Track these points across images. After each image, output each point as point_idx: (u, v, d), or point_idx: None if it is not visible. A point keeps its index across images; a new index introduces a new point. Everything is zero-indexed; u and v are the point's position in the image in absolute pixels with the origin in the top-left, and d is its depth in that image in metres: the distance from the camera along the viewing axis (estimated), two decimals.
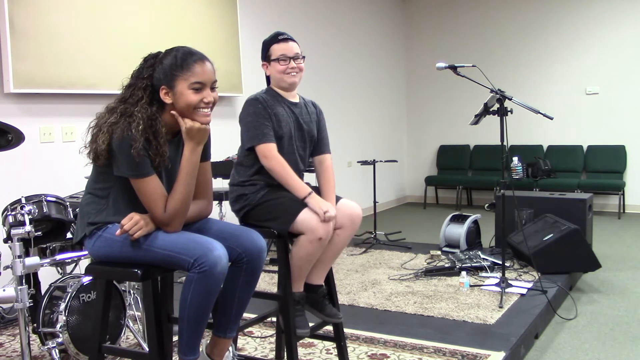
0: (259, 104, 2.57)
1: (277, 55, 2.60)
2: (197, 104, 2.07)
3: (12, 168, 3.93)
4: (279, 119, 2.58)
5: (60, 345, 2.77)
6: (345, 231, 2.56)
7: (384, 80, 8.49)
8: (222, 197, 4.61)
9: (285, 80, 2.62)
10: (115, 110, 2.06)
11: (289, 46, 2.61)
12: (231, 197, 2.65)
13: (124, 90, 2.13)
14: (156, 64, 2.10)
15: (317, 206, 2.42)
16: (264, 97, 2.60)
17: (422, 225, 7.11)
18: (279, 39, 2.63)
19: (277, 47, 2.62)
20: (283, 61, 2.60)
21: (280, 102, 2.63)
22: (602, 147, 7.74)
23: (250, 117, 2.55)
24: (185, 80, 2.06)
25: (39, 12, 3.98)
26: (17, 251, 2.56)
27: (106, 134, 2.01)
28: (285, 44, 2.61)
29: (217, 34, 5.39)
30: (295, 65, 2.61)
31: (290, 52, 2.61)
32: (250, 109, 2.57)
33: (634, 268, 4.90)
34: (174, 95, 2.07)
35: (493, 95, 3.98)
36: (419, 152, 9.08)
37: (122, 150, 1.99)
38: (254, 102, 2.58)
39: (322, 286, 2.66)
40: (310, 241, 2.41)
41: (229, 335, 2.25)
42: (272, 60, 2.62)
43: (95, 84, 4.30)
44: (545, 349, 3.27)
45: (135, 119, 2.01)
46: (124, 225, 2.01)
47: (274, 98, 2.63)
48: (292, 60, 2.60)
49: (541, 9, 8.05)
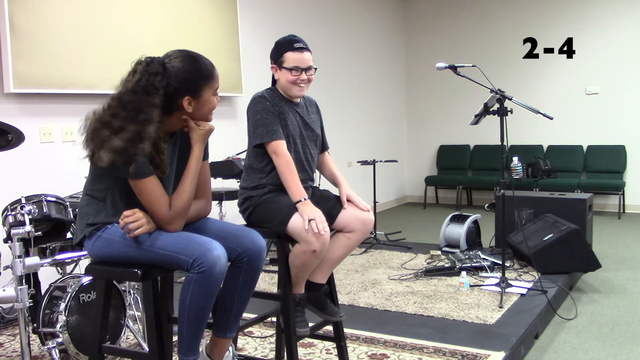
0: (267, 101, 2.55)
1: (291, 65, 2.54)
2: (214, 106, 2.18)
3: (12, 168, 3.93)
4: (285, 119, 2.57)
5: (60, 345, 2.77)
6: (357, 235, 2.57)
7: (384, 80, 8.49)
8: (222, 197, 4.61)
9: (293, 91, 2.59)
10: (124, 129, 1.98)
11: (304, 57, 2.55)
12: (239, 199, 2.66)
13: (127, 101, 2.02)
14: (166, 73, 2.05)
15: (303, 213, 2.39)
16: (271, 95, 2.58)
17: (422, 225, 7.11)
18: (294, 47, 2.55)
19: (291, 56, 2.55)
20: (295, 72, 2.55)
21: (286, 104, 2.62)
22: (602, 147, 7.74)
23: (259, 114, 2.52)
24: (211, 87, 2.13)
25: (39, 12, 3.98)
26: (17, 251, 2.56)
27: (109, 154, 1.96)
28: (300, 54, 2.55)
29: (217, 34, 5.39)
30: (306, 77, 2.57)
31: (304, 64, 2.55)
32: (259, 106, 2.54)
33: (634, 268, 4.90)
34: (197, 104, 2.11)
35: (493, 95, 3.97)
36: (419, 152, 9.08)
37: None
38: (261, 99, 2.55)
39: (325, 285, 2.66)
40: (304, 252, 2.40)
41: (229, 335, 2.25)
42: (284, 67, 2.56)
43: (95, 84, 4.30)
44: (545, 349, 3.27)
45: (145, 146, 1.97)
46: (126, 217, 2.01)
47: (280, 100, 2.61)
48: (304, 72, 2.56)
49: (541, 9, 8.05)
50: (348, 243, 2.57)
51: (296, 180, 2.49)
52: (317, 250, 2.37)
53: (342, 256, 2.60)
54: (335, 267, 2.66)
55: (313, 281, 2.62)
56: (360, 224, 2.56)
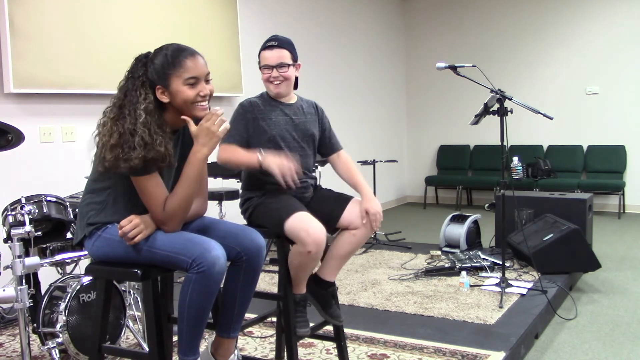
0: (242, 108, 2.59)
1: (262, 63, 2.58)
2: (194, 99, 2.07)
3: (12, 168, 3.93)
4: (267, 122, 2.57)
5: (60, 345, 2.77)
6: (362, 231, 2.56)
7: (384, 80, 8.49)
8: (222, 197, 4.61)
9: (270, 89, 2.62)
10: (118, 120, 2.01)
11: (275, 54, 2.55)
12: (240, 200, 2.69)
13: (118, 93, 2.07)
14: (148, 64, 2.08)
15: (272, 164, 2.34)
16: (252, 101, 2.61)
17: (422, 225, 7.11)
18: (266, 46, 2.58)
19: (263, 55, 2.59)
20: (267, 70, 2.57)
21: (272, 105, 2.63)
22: (602, 147, 7.74)
23: (232, 122, 2.55)
24: (179, 77, 2.05)
25: (39, 12, 3.98)
26: (17, 251, 2.56)
27: (109, 150, 1.98)
28: (270, 51, 2.56)
29: (217, 34, 5.39)
30: (279, 74, 2.56)
31: (274, 61, 2.54)
32: (235, 113, 2.60)
33: (634, 268, 4.90)
34: (170, 94, 2.06)
35: (493, 95, 3.97)
36: (419, 152, 9.08)
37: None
38: (239, 106, 2.61)
39: (334, 285, 2.65)
40: (300, 253, 2.39)
41: (233, 335, 2.25)
42: (260, 66, 2.60)
43: (95, 84, 4.30)
44: (545, 349, 3.27)
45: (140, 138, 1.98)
46: (123, 227, 2.01)
47: (267, 102, 2.63)
48: (275, 69, 2.55)
49: (541, 9, 8.05)
50: (354, 240, 2.57)
51: (238, 152, 2.46)
52: (312, 252, 2.35)
53: (349, 252, 2.60)
54: (344, 263, 2.66)
55: (321, 277, 2.61)
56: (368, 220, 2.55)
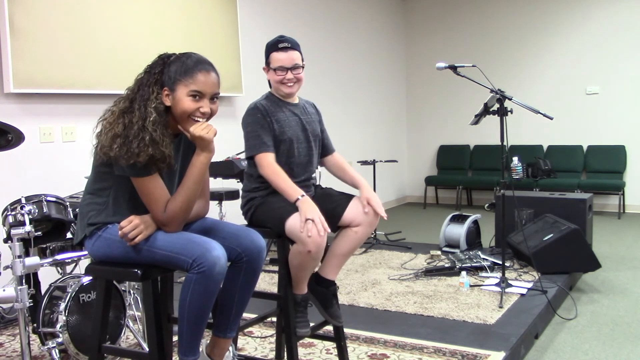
0: (258, 112, 2.57)
1: (276, 65, 2.57)
2: (192, 112, 2.06)
3: (12, 168, 3.93)
4: (281, 124, 2.59)
5: (60, 345, 2.77)
6: (363, 228, 2.56)
7: (384, 80, 8.49)
8: (222, 197, 4.61)
9: (282, 90, 2.62)
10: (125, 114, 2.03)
11: (289, 56, 2.56)
12: (242, 201, 2.69)
13: (133, 85, 2.10)
14: (166, 64, 2.09)
15: (302, 212, 2.35)
16: (264, 104, 2.60)
17: (422, 225, 7.11)
18: (279, 47, 2.57)
19: (276, 56, 2.58)
20: (280, 72, 2.57)
21: (281, 106, 2.64)
22: (602, 147, 7.74)
23: (250, 127, 2.56)
24: (186, 86, 2.05)
25: (39, 12, 3.98)
26: (17, 251, 2.56)
27: (110, 139, 1.99)
28: (284, 53, 2.56)
29: (217, 34, 5.39)
30: (293, 76, 2.58)
31: (289, 63, 2.56)
32: (250, 118, 2.58)
33: (634, 268, 4.90)
34: (173, 100, 2.07)
35: (493, 95, 3.97)
36: (419, 152, 9.07)
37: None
38: (253, 111, 2.59)
39: (335, 284, 2.65)
40: (300, 252, 2.39)
41: (229, 335, 2.25)
42: (271, 68, 2.60)
43: (95, 84, 4.30)
44: (545, 349, 3.27)
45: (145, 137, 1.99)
46: (123, 227, 2.01)
47: (275, 103, 2.63)
48: (289, 71, 2.57)
49: (541, 9, 8.05)
50: (355, 237, 2.57)
51: (287, 182, 2.48)
52: (312, 251, 2.35)
53: (350, 250, 2.60)
54: (345, 261, 2.66)
55: (323, 275, 2.62)
56: (366, 217, 2.55)
